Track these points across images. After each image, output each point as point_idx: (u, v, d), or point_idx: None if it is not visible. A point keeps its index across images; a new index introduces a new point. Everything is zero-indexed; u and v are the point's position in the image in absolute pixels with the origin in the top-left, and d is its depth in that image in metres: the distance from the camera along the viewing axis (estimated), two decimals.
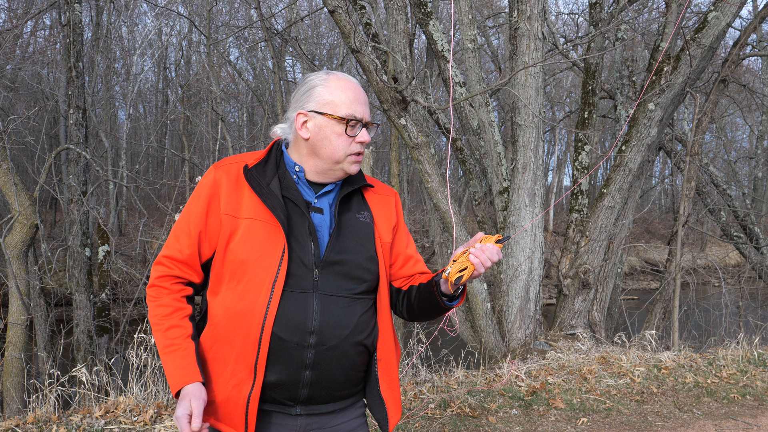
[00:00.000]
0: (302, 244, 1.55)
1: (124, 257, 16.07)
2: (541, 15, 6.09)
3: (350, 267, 1.58)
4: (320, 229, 1.59)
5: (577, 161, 7.78)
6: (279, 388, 1.54)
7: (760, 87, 17.02)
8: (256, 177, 1.58)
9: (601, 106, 12.64)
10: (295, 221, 1.56)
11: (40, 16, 16.02)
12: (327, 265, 1.56)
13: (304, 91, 1.62)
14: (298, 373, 1.53)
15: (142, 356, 4.23)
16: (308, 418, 1.59)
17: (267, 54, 20.30)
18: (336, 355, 1.55)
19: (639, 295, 17.96)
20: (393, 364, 1.69)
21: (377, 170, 23.06)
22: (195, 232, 1.58)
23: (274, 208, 1.53)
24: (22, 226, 6.47)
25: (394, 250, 1.74)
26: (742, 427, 4.30)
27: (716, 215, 9.84)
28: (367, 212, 1.68)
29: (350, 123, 1.58)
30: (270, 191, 1.56)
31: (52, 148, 14.80)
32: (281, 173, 1.62)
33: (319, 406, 1.59)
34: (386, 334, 1.66)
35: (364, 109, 1.61)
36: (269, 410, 1.57)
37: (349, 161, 1.61)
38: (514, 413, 4.33)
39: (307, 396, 1.55)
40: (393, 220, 1.73)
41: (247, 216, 1.55)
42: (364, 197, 1.71)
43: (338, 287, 1.56)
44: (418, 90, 6.30)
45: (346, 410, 1.65)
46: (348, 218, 1.64)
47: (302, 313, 1.52)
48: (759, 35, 12.76)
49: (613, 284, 7.89)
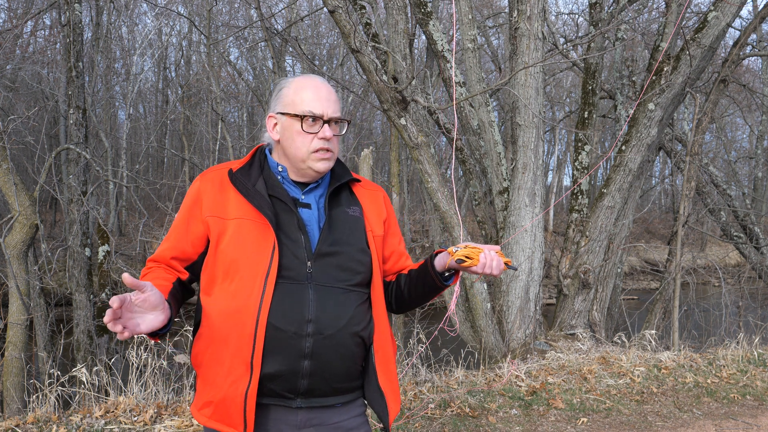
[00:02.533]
0: (293, 239, 1.57)
1: (124, 257, 16.08)
2: (541, 15, 6.09)
3: (343, 258, 1.61)
4: (309, 223, 1.62)
5: (577, 161, 7.78)
6: (278, 379, 1.54)
7: (760, 87, 17.03)
8: (241, 179, 1.62)
9: (601, 106, 12.65)
10: (284, 218, 1.59)
11: (40, 16, 16.03)
12: (320, 257, 1.58)
13: (274, 95, 1.69)
14: (297, 363, 1.53)
15: (142, 356, 4.23)
16: (309, 412, 1.59)
17: (267, 54, 20.30)
18: (334, 344, 1.55)
19: (639, 295, 17.97)
20: (390, 357, 1.71)
21: (377, 170, 23.04)
22: (176, 238, 1.64)
23: (261, 207, 1.57)
24: (22, 226, 6.47)
25: (387, 244, 1.77)
26: (742, 427, 4.30)
27: (716, 215, 9.84)
28: (357, 206, 1.71)
29: (305, 119, 1.61)
30: (255, 191, 1.60)
31: (52, 148, 14.79)
32: (266, 175, 1.66)
33: (319, 398, 1.59)
34: (382, 327, 1.68)
35: (325, 105, 1.62)
36: (269, 404, 1.57)
37: (313, 159, 1.62)
38: (514, 413, 4.33)
39: (306, 387, 1.55)
40: (383, 214, 1.76)
41: (235, 216, 1.58)
42: (353, 192, 1.74)
43: (333, 278, 1.58)
44: (418, 90, 6.30)
45: (347, 406, 1.65)
46: (338, 212, 1.67)
47: (299, 303, 1.53)
48: (759, 35, 12.76)
49: (613, 284, 7.89)
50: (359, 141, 22.43)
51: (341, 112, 1.68)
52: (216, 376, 1.56)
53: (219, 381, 1.56)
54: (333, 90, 1.68)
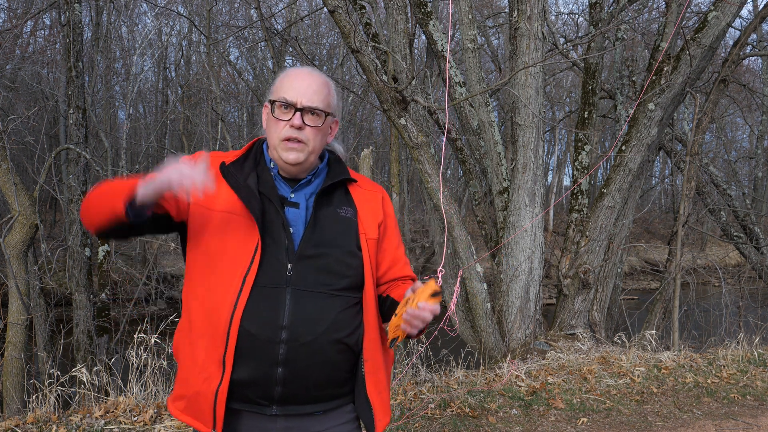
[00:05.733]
0: (276, 240, 1.52)
1: (124, 257, 16.08)
2: (541, 15, 6.09)
3: (328, 261, 1.54)
4: (295, 224, 1.56)
5: (577, 161, 7.78)
6: (252, 385, 1.49)
7: (760, 87, 17.02)
8: (233, 173, 1.57)
9: (601, 106, 12.63)
10: (271, 216, 1.54)
11: (40, 16, 16.02)
12: (301, 259, 1.52)
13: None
14: (270, 370, 1.48)
15: (142, 356, 4.23)
16: (287, 419, 1.53)
17: (267, 54, 20.30)
18: (311, 351, 1.49)
19: (639, 295, 17.95)
20: (380, 365, 1.63)
21: (377, 170, 23.03)
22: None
23: (249, 203, 1.52)
24: (22, 226, 6.47)
25: (380, 248, 1.67)
26: (742, 427, 4.30)
27: (716, 215, 9.84)
28: (350, 207, 1.63)
29: (277, 105, 1.56)
30: (246, 186, 1.55)
31: (52, 148, 14.78)
32: (260, 170, 1.61)
33: (298, 406, 1.53)
34: (373, 334, 1.60)
35: (300, 93, 1.55)
36: (243, 410, 1.53)
37: (282, 147, 1.56)
38: (514, 413, 4.33)
39: (281, 395, 1.50)
40: (379, 217, 1.67)
41: (222, 209, 1.54)
42: (349, 192, 1.67)
43: (314, 282, 1.52)
44: (418, 90, 6.30)
45: (331, 414, 1.58)
46: (327, 212, 1.60)
47: (273, 308, 1.48)
48: (759, 35, 12.76)
49: (613, 284, 7.88)
50: (359, 141, 22.43)
51: (327, 106, 1.59)
52: (191, 370, 1.54)
53: (193, 375, 1.53)
54: (325, 83, 1.61)
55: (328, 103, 1.60)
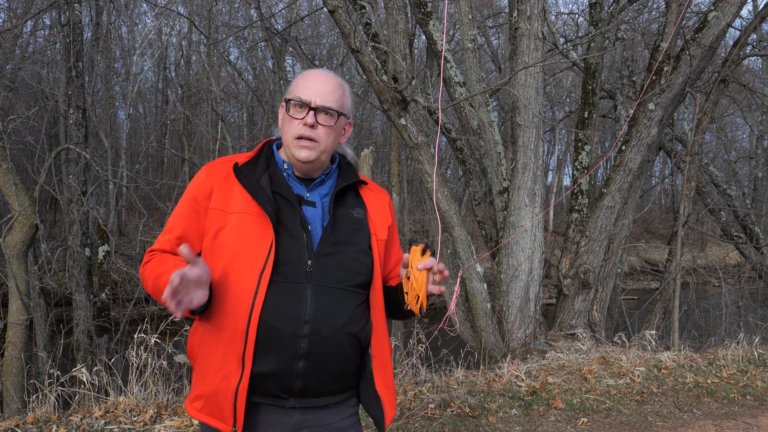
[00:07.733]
0: (295, 237, 1.56)
1: (124, 257, 16.06)
2: (541, 15, 6.09)
3: (345, 259, 1.60)
4: (312, 222, 1.61)
5: (577, 161, 7.78)
6: (273, 378, 1.53)
7: (760, 87, 17.02)
8: (246, 174, 1.61)
9: (601, 106, 12.64)
10: (287, 215, 1.58)
11: (40, 16, 16.02)
12: (320, 256, 1.57)
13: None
14: (292, 363, 1.52)
15: (142, 356, 4.23)
16: (303, 413, 1.58)
17: (267, 54, 20.30)
18: (330, 345, 1.54)
19: (639, 295, 17.95)
20: (387, 361, 1.70)
21: (377, 170, 23.03)
22: (182, 228, 1.62)
23: (263, 202, 1.56)
24: (22, 226, 6.47)
25: (389, 249, 1.76)
26: (742, 427, 4.30)
27: (716, 215, 9.84)
28: (362, 208, 1.70)
29: (292, 104, 1.61)
30: (259, 186, 1.59)
31: (52, 148, 14.80)
32: (272, 170, 1.65)
33: (313, 399, 1.58)
34: (380, 330, 1.66)
35: (315, 93, 1.60)
36: (263, 403, 1.56)
37: (295, 145, 1.61)
38: (514, 413, 4.33)
39: (301, 387, 1.54)
40: (388, 220, 1.75)
41: (237, 210, 1.57)
42: (360, 194, 1.73)
43: (332, 279, 1.57)
44: (418, 90, 6.30)
45: (339, 406, 1.64)
46: (343, 212, 1.65)
47: (296, 303, 1.52)
48: (759, 35, 12.75)
49: (613, 284, 7.88)
50: (359, 141, 22.43)
51: (340, 106, 1.63)
52: (208, 370, 1.56)
53: (211, 375, 1.55)
54: (339, 85, 1.65)
55: (341, 104, 1.64)
